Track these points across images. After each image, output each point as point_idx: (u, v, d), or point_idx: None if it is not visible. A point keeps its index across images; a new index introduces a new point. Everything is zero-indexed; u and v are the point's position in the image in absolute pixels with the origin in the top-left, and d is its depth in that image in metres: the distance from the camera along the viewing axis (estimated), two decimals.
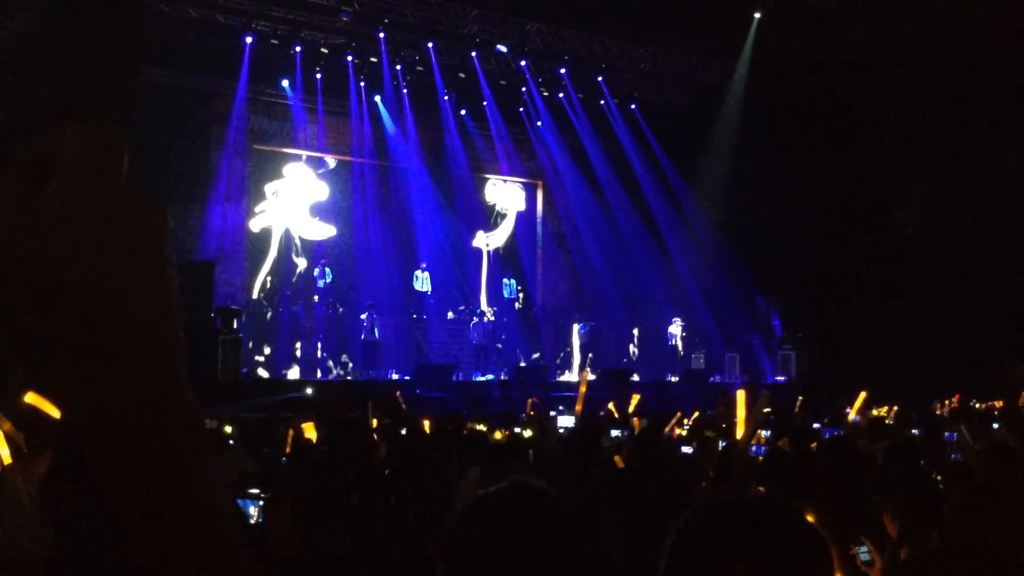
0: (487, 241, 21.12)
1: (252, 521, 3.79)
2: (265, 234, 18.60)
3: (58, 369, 0.52)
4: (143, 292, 0.54)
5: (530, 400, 10.55)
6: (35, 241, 0.52)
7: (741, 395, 3.01)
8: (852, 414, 8.42)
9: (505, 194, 21.61)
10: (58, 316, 0.52)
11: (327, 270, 17.94)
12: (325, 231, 19.10)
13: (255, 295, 18.00)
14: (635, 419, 7.50)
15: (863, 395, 8.51)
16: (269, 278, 18.43)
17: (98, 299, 0.52)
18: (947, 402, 11.66)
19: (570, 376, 18.97)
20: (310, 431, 6.86)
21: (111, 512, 0.54)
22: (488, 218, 21.37)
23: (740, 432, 3.24)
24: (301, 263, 18.75)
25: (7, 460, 4.20)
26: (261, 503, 3.78)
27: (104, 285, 0.52)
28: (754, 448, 5.05)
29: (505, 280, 19.87)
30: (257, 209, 18.52)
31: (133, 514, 0.53)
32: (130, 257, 0.53)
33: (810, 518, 1.22)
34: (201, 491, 0.55)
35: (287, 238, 18.73)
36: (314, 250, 18.84)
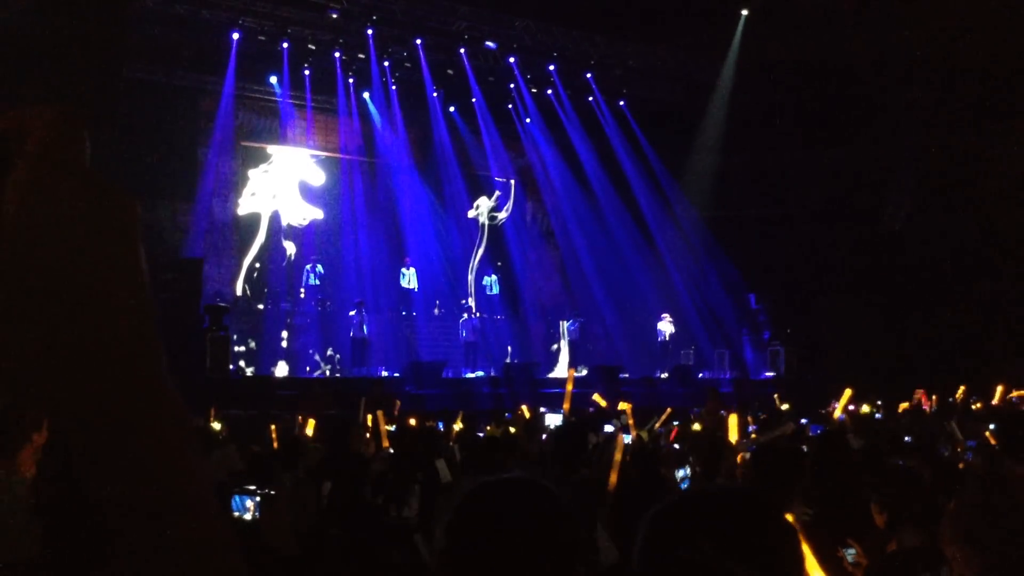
0: (491, 208, 21.03)
1: (249, 516, 3.78)
2: (253, 218, 18.57)
3: (31, 363, 0.51)
4: (116, 280, 0.52)
5: (523, 406, 10.46)
6: (2, 233, 0.50)
7: (733, 420, 2.88)
8: (838, 411, 8.43)
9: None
10: (27, 308, 0.50)
11: (319, 267, 17.91)
12: (312, 213, 19.12)
13: (240, 283, 18.00)
14: (630, 418, 7.47)
15: (848, 392, 8.53)
16: (257, 264, 18.39)
17: (69, 289, 0.51)
18: (934, 397, 11.72)
19: (560, 373, 19.01)
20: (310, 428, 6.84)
21: (99, 509, 0.52)
22: (486, 187, 21.33)
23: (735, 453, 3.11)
24: (290, 247, 18.74)
25: None
26: (258, 499, 3.77)
27: (75, 274, 0.51)
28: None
29: (486, 277, 19.82)
30: (246, 191, 18.50)
31: (118, 509, 0.52)
32: (101, 245, 0.52)
33: (790, 518, 1.25)
34: (186, 485, 0.54)
35: (275, 222, 18.73)
36: (304, 246, 18.82)
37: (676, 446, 6.80)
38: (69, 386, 0.51)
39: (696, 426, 7.98)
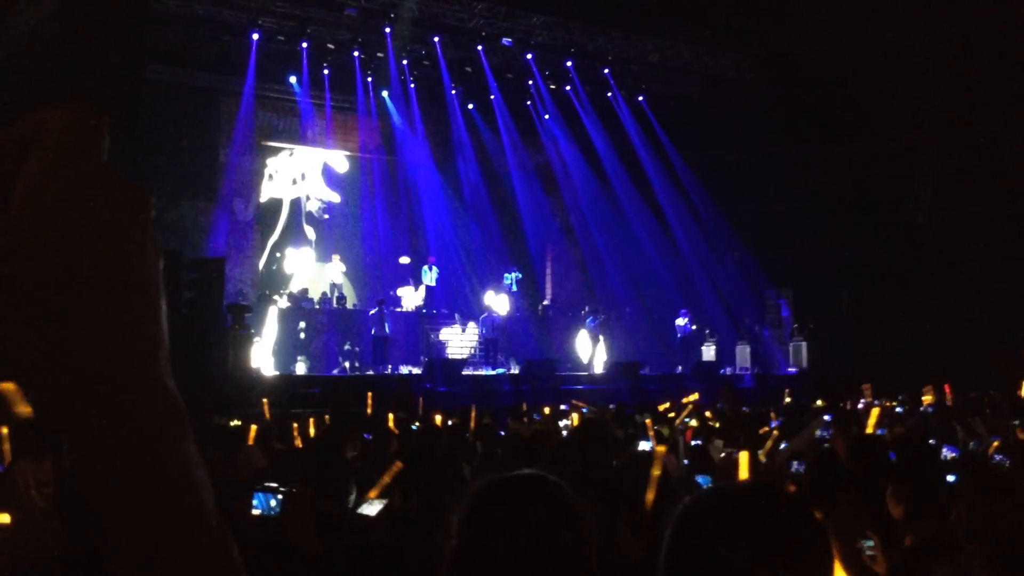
0: None
1: (271, 514, 3.80)
2: (275, 206, 18.87)
3: (31, 353, 0.50)
4: (120, 274, 0.52)
5: (545, 408, 10.27)
6: (8, 222, 0.50)
7: (744, 458, 2.69)
8: (870, 428, 7.87)
9: None
10: (32, 300, 0.50)
11: (342, 264, 18.09)
12: (332, 196, 19.51)
13: (262, 264, 18.39)
14: (647, 419, 7.37)
15: (876, 411, 8.07)
16: (277, 254, 18.63)
17: (72, 281, 0.50)
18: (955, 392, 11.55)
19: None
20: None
21: (94, 507, 0.52)
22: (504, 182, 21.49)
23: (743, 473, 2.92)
24: (311, 233, 18.98)
25: (8, 457, 4.22)
26: (280, 496, 3.79)
27: (79, 267, 0.51)
28: (795, 465, 4.86)
29: (507, 275, 19.82)
30: (265, 172, 18.72)
31: (108, 507, 0.52)
32: (109, 238, 0.52)
33: (818, 515, 1.23)
34: (178, 479, 0.53)
35: (296, 213, 18.97)
36: (325, 241, 19.02)
37: (696, 442, 6.75)
38: (61, 377, 0.51)
39: (715, 423, 7.91)
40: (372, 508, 3.99)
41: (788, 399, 12.11)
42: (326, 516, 3.53)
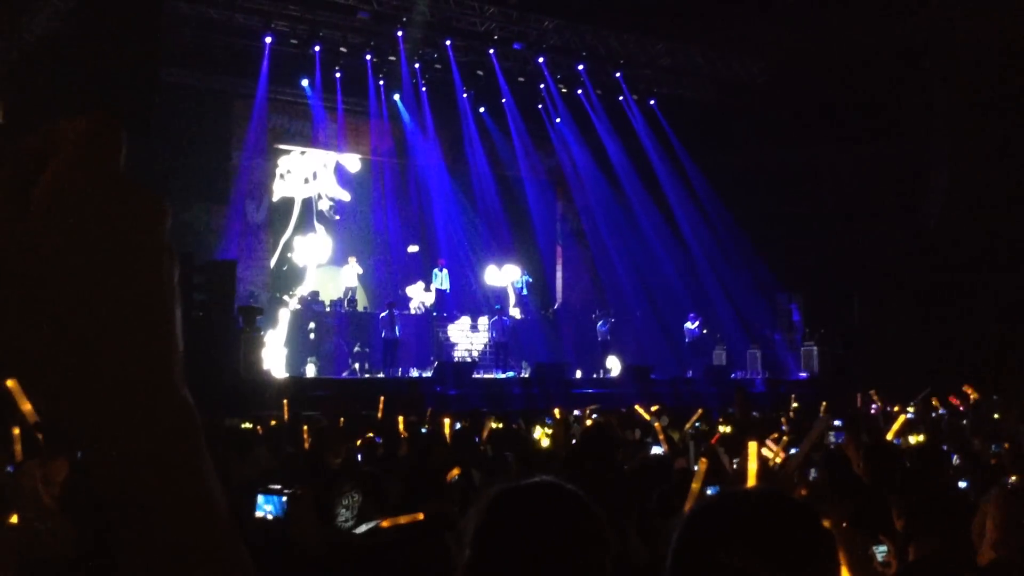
0: None
1: (273, 517, 3.82)
2: (287, 205, 19.01)
3: (46, 363, 0.51)
4: (136, 283, 0.52)
5: (555, 409, 10.14)
6: (26, 230, 0.51)
7: (753, 448, 2.60)
8: (891, 435, 7.82)
9: None
10: (47, 308, 0.51)
11: (357, 267, 18.16)
12: (342, 195, 19.67)
13: (274, 261, 18.54)
14: (657, 423, 7.36)
15: (902, 418, 8.00)
16: (288, 255, 18.73)
17: (89, 291, 0.51)
18: (971, 397, 11.49)
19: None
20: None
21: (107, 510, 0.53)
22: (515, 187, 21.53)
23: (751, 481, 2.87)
24: (320, 230, 19.09)
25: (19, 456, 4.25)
26: (284, 498, 3.80)
27: (96, 276, 0.51)
28: (812, 474, 4.83)
29: (518, 277, 19.77)
30: (277, 172, 18.81)
31: (123, 511, 0.52)
32: (124, 247, 0.52)
33: (826, 523, 1.22)
34: (194, 489, 0.54)
35: (308, 213, 19.05)
36: (337, 243, 19.08)
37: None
38: (77, 381, 0.51)
39: (726, 428, 7.89)
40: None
41: (795, 404, 12.09)
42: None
